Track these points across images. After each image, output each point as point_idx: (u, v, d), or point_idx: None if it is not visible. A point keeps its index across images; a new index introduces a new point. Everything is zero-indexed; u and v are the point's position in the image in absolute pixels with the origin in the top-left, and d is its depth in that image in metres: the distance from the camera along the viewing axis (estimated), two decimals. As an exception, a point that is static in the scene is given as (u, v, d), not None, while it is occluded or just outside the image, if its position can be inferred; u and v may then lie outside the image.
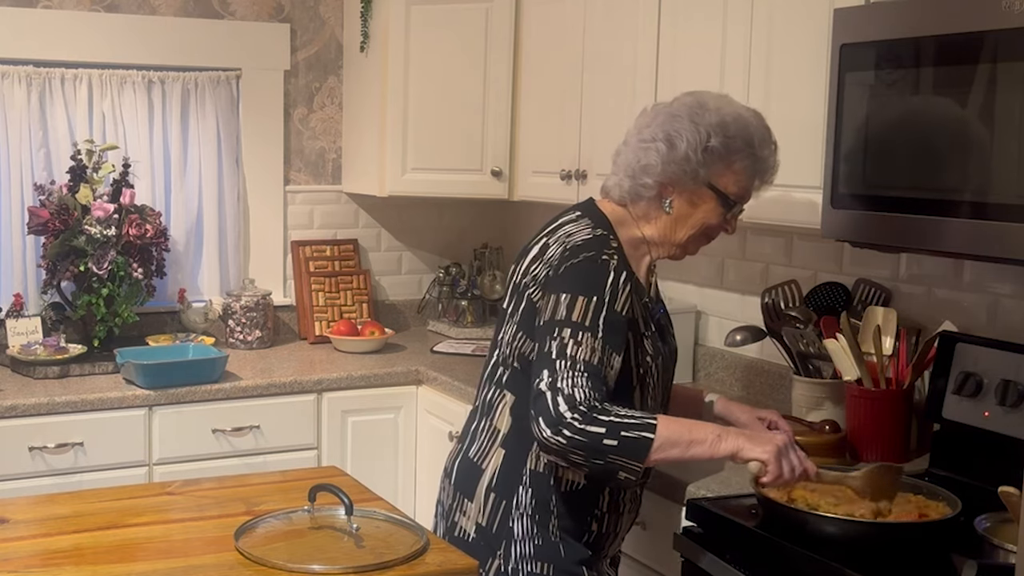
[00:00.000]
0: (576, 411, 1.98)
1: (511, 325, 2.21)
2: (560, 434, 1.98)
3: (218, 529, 1.97)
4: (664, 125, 2.17)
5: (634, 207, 2.23)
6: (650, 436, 1.99)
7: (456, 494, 2.28)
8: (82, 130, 3.72)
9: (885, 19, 2.29)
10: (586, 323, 2.04)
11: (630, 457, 2.00)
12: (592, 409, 1.99)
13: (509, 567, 2.18)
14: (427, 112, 3.80)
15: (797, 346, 2.79)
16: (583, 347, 2.03)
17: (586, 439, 1.97)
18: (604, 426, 1.98)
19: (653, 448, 2.00)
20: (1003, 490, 2.01)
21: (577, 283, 2.08)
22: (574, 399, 1.98)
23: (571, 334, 2.03)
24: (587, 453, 1.99)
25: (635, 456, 2.00)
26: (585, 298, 2.06)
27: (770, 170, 2.23)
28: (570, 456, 2.01)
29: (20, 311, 3.58)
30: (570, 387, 1.99)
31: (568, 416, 1.97)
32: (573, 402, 1.98)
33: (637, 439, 1.99)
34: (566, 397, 1.99)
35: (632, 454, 1.99)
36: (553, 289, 2.10)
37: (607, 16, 3.21)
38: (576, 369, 2.01)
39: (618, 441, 1.98)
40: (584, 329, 2.04)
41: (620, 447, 1.98)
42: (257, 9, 3.98)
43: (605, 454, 1.99)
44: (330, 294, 4.08)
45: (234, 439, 3.39)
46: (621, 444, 1.98)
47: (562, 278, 2.10)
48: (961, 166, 2.17)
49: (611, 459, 2.00)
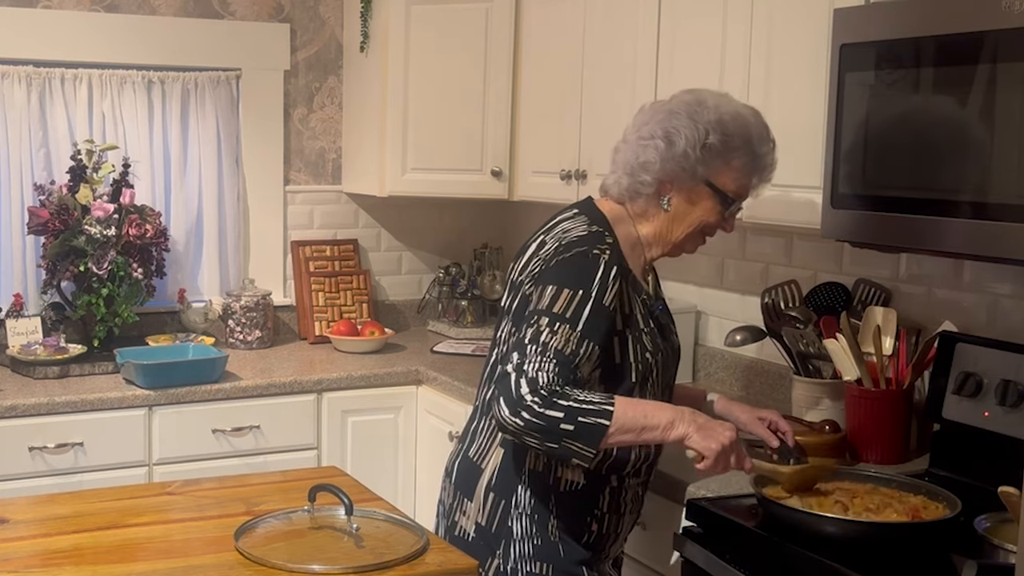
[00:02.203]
0: (536, 394, 1.97)
1: (508, 323, 2.21)
2: (518, 415, 1.97)
3: (218, 529, 1.97)
4: (663, 122, 2.17)
5: (632, 205, 2.23)
6: (606, 423, 1.98)
7: (456, 494, 2.28)
8: (82, 130, 3.72)
9: (885, 19, 2.29)
10: (566, 315, 2.04)
11: (585, 443, 1.99)
12: (552, 393, 1.98)
13: (508, 567, 2.18)
14: (427, 112, 3.80)
15: (797, 346, 2.79)
16: (557, 336, 2.02)
17: (543, 422, 1.96)
18: (562, 410, 1.97)
19: (608, 434, 1.99)
20: (1003, 490, 2.01)
21: (564, 276, 2.08)
22: (536, 382, 1.98)
23: (548, 323, 2.03)
24: (542, 436, 1.98)
25: (590, 442, 1.99)
26: (570, 291, 2.06)
27: (768, 168, 2.23)
28: (524, 438, 2.00)
29: (20, 311, 3.58)
30: (535, 370, 1.99)
31: (528, 399, 1.97)
32: (535, 385, 1.97)
33: (593, 425, 1.98)
34: (529, 380, 1.98)
35: (587, 440, 1.98)
36: (542, 281, 2.10)
37: (607, 16, 3.21)
38: (545, 355, 2.00)
39: (574, 426, 1.97)
40: (563, 321, 2.03)
41: (576, 432, 1.98)
42: (257, 9, 3.98)
43: (560, 438, 1.98)
44: (330, 294, 4.07)
45: (234, 439, 3.39)
46: (577, 429, 1.98)
47: (552, 270, 2.10)
48: (961, 166, 2.17)
49: (566, 443, 1.98)
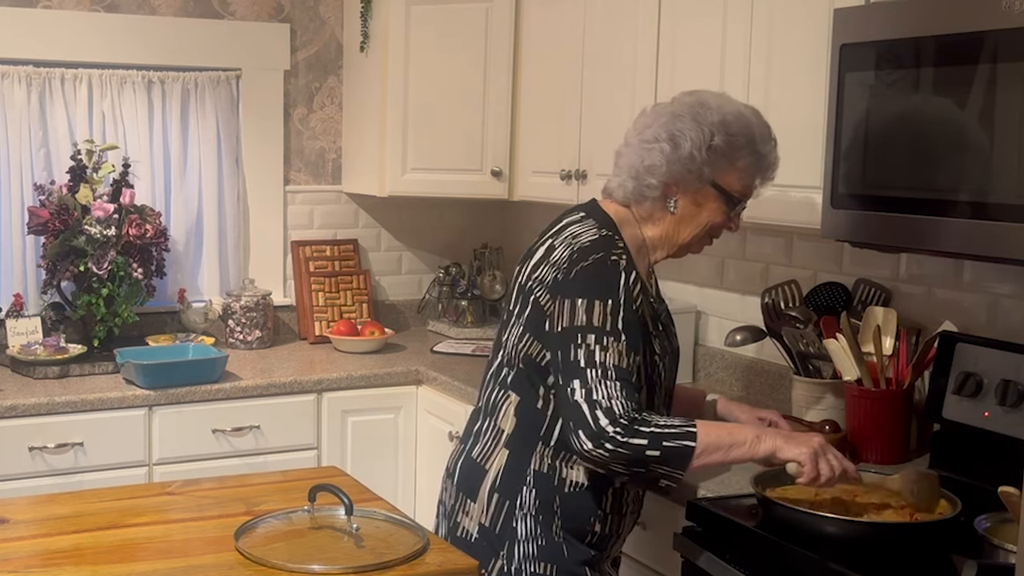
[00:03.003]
0: (617, 424, 1.98)
1: (517, 327, 2.20)
2: (602, 447, 1.98)
3: (218, 529, 1.97)
4: (667, 125, 2.17)
5: (638, 208, 2.23)
6: (691, 444, 2.01)
7: (459, 494, 2.28)
8: (82, 130, 3.72)
9: (885, 19, 2.29)
10: (607, 327, 2.04)
11: (673, 465, 2.01)
12: (633, 421, 1.99)
13: (512, 567, 2.18)
14: (427, 112, 3.80)
15: (797, 346, 2.79)
16: (610, 352, 2.03)
17: (629, 451, 1.99)
18: (646, 437, 1.99)
19: (695, 455, 2.01)
20: (1003, 490, 2.01)
21: (591, 287, 2.08)
22: (614, 412, 1.99)
23: (596, 339, 2.03)
24: (629, 464, 2.00)
25: (678, 464, 2.01)
26: (601, 302, 2.06)
27: (771, 167, 2.24)
28: (611, 467, 2.02)
29: (20, 311, 3.57)
30: (607, 399, 2.00)
31: (610, 431, 1.98)
32: (613, 416, 1.99)
33: (679, 448, 2.01)
34: (605, 410, 1.99)
35: (675, 462, 2.01)
36: (566, 293, 2.09)
37: (607, 16, 3.21)
38: (608, 377, 2.01)
39: (660, 451, 2.00)
40: (607, 334, 2.04)
41: (663, 456, 2.00)
42: (257, 9, 3.98)
43: (647, 464, 2.00)
44: (330, 294, 4.07)
45: (234, 439, 3.39)
46: (664, 453, 2.00)
47: (574, 282, 2.09)
48: (961, 166, 2.16)
49: (653, 468, 2.01)
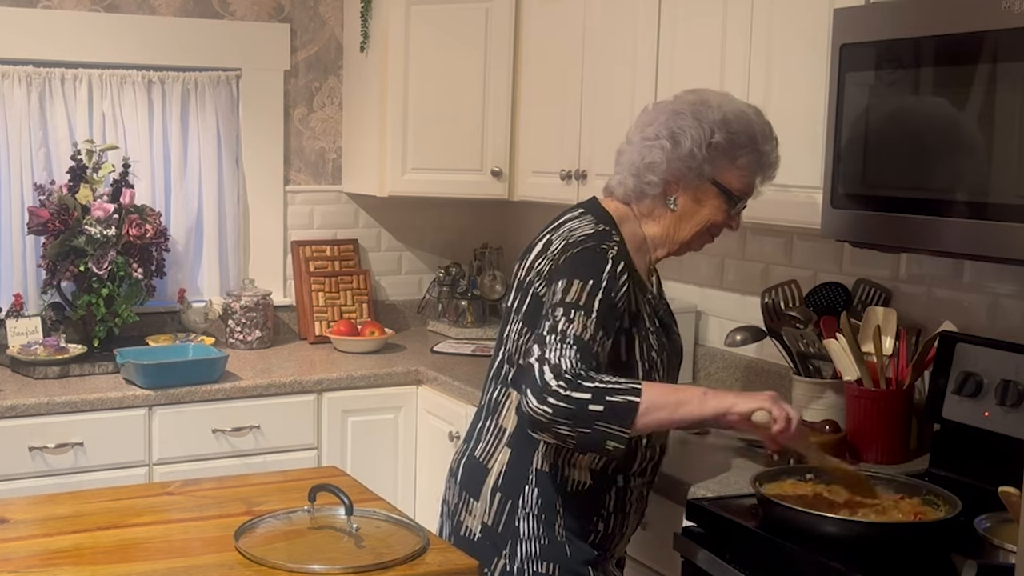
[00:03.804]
0: (561, 379, 1.97)
1: (516, 322, 2.21)
2: (545, 402, 1.96)
3: (218, 529, 1.97)
4: (668, 123, 2.17)
5: (638, 205, 2.24)
6: (635, 400, 1.98)
7: (462, 493, 2.28)
8: (82, 130, 3.72)
9: (885, 19, 2.29)
10: (580, 303, 2.04)
11: (617, 423, 1.97)
12: (577, 376, 1.97)
13: (515, 567, 2.18)
14: (427, 112, 3.80)
15: (797, 346, 2.79)
16: (574, 323, 2.02)
17: (571, 405, 1.96)
18: (589, 392, 1.96)
19: (640, 411, 1.98)
20: (1003, 490, 2.01)
21: (574, 269, 2.09)
22: (560, 367, 1.97)
23: (563, 312, 2.03)
24: (573, 421, 1.96)
25: (621, 421, 1.97)
26: (581, 281, 2.06)
27: (772, 165, 2.24)
28: (556, 427, 1.98)
29: (20, 311, 3.58)
30: (556, 357, 1.98)
31: (553, 384, 1.96)
32: (559, 371, 1.97)
33: (623, 403, 1.97)
34: (552, 367, 1.98)
35: (618, 419, 1.97)
36: (553, 278, 2.11)
37: (607, 16, 3.21)
38: (565, 342, 2.00)
39: (603, 406, 1.96)
40: (577, 308, 2.03)
41: (606, 412, 1.96)
42: (257, 9, 3.98)
43: (591, 420, 1.96)
44: (330, 294, 4.07)
45: (234, 439, 3.39)
46: (607, 409, 1.96)
47: (561, 267, 2.11)
48: (961, 166, 2.16)
49: (597, 425, 1.97)
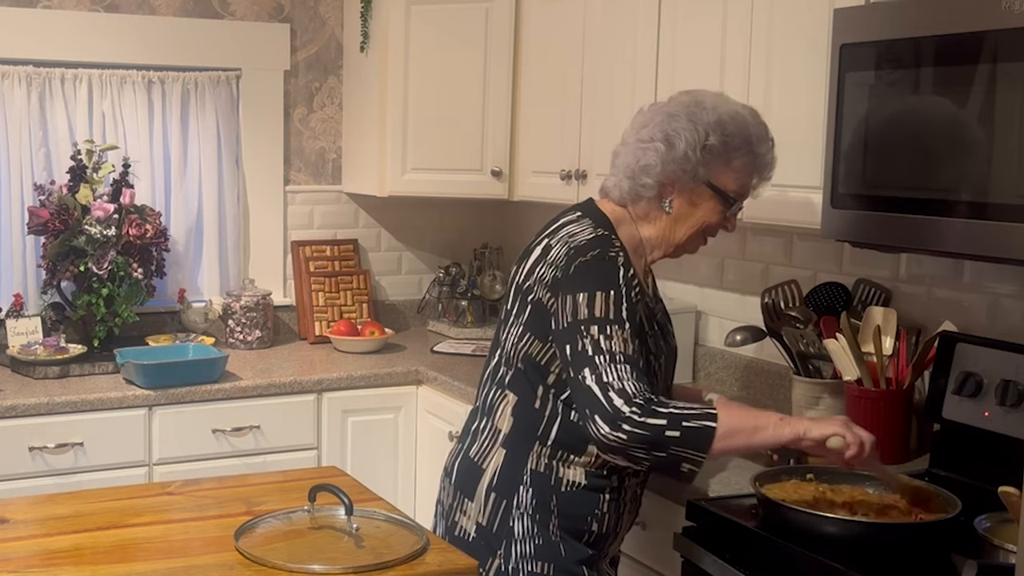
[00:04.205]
0: (633, 404, 1.97)
1: (516, 327, 2.20)
2: (620, 430, 1.97)
3: (218, 529, 1.97)
4: (662, 125, 2.17)
5: (634, 207, 2.24)
6: (712, 424, 1.99)
7: (456, 493, 2.28)
8: (82, 130, 3.72)
9: (885, 19, 2.29)
10: (611, 316, 2.04)
11: (693, 448, 1.99)
12: (648, 402, 1.98)
13: (509, 567, 2.18)
14: (427, 112, 3.80)
15: (797, 346, 2.79)
16: (615, 339, 2.02)
17: (647, 432, 1.96)
18: (664, 418, 1.97)
19: (717, 436, 1.99)
20: (1003, 490, 2.01)
21: (591, 280, 2.08)
22: (627, 393, 1.97)
23: (599, 329, 2.03)
24: (648, 446, 1.98)
25: (698, 446, 1.99)
26: (603, 293, 2.06)
27: (768, 167, 2.23)
28: (631, 451, 1.99)
29: (20, 311, 3.58)
30: (618, 380, 1.98)
31: (626, 411, 1.96)
32: (627, 396, 1.97)
33: (700, 428, 1.98)
34: (618, 391, 1.98)
35: (695, 444, 1.99)
36: (567, 290, 2.09)
37: (607, 16, 3.21)
38: (616, 361, 2.00)
39: (680, 432, 1.97)
40: (610, 323, 2.03)
41: (682, 438, 1.97)
42: (257, 9, 3.98)
43: (667, 446, 1.98)
44: (330, 294, 4.07)
45: (234, 439, 3.39)
46: (684, 435, 1.97)
47: (573, 278, 2.09)
48: (961, 166, 2.17)
49: (673, 451, 1.98)
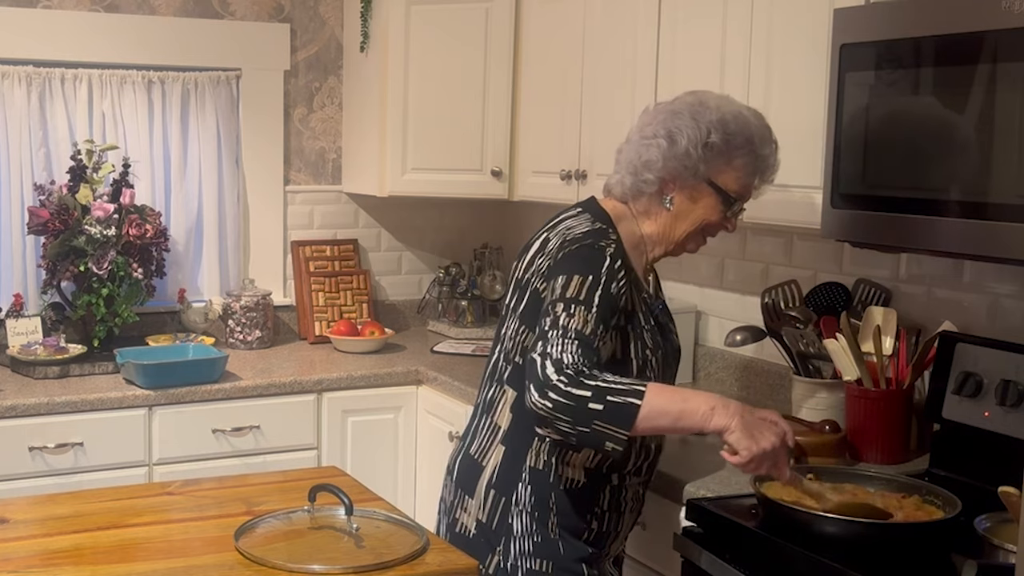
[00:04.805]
0: (563, 374, 1.96)
1: (514, 320, 2.21)
2: (546, 397, 1.95)
3: (218, 529, 1.97)
4: (665, 122, 2.18)
5: (635, 204, 2.24)
6: (637, 402, 1.95)
7: (457, 491, 2.29)
8: (82, 130, 3.72)
9: (885, 19, 2.29)
10: (580, 298, 2.04)
11: (616, 424, 1.95)
12: (579, 373, 1.96)
13: (508, 563, 2.18)
14: (427, 112, 3.80)
15: (797, 346, 2.79)
16: (575, 318, 2.02)
17: (572, 402, 1.94)
18: (590, 389, 1.95)
19: (640, 415, 1.95)
20: (1003, 490, 2.01)
21: (572, 265, 2.09)
22: (561, 363, 1.97)
23: (564, 308, 2.03)
24: (573, 418, 1.95)
25: (621, 423, 1.95)
26: (580, 276, 2.06)
27: (770, 168, 2.24)
28: (557, 423, 1.97)
29: (20, 311, 3.57)
30: (559, 352, 1.98)
31: (554, 378, 1.95)
32: (560, 366, 1.96)
33: (624, 405, 1.95)
34: (554, 361, 1.97)
35: (618, 421, 1.95)
36: (552, 275, 2.11)
37: (607, 16, 3.21)
38: (567, 337, 1.99)
39: (604, 405, 1.94)
40: (577, 303, 2.03)
41: (606, 412, 1.94)
42: (257, 9, 3.98)
43: (591, 419, 1.94)
44: (330, 294, 4.07)
45: (234, 439, 3.39)
46: (607, 409, 1.94)
47: (559, 263, 2.11)
48: (961, 166, 2.16)
49: (596, 425, 1.95)
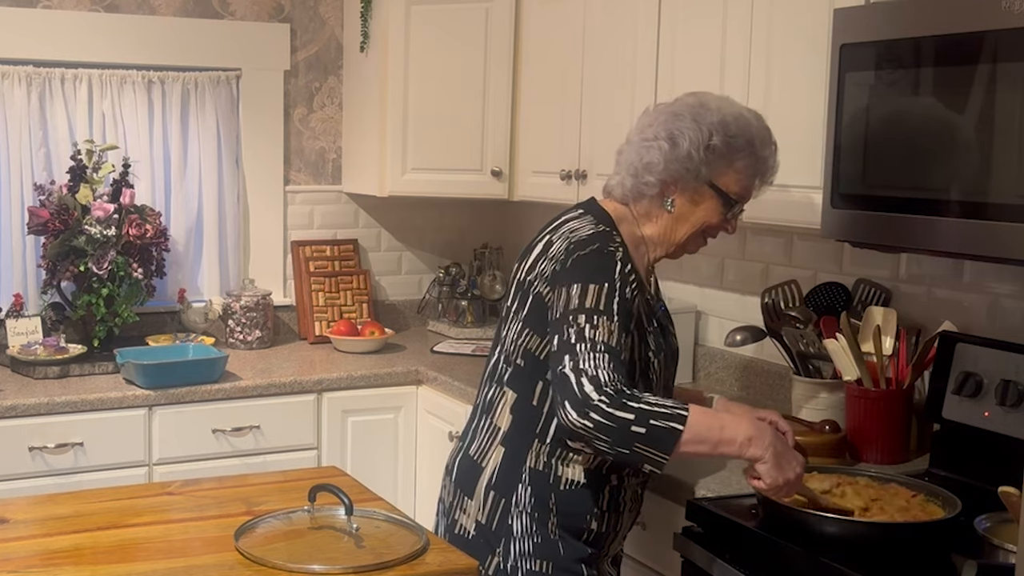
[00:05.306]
0: (603, 393, 1.95)
1: (516, 323, 2.21)
2: (587, 417, 1.95)
3: (218, 529, 1.97)
4: (666, 124, 2.18)
5: (636, 206, 2.24)
6: (679, 428, 1.96)
7: (456, 492, 2.28)
8: (82, 130, 3.72)
9: (885, 19, 2.29)
10: (600, 307, 2.03)
11: (658, 448, 1.96)
12: (620, 393, 1.96)
13: (508, 564, 2.18)
14: (427, 112, 3.80)
15: (797, 346, 2.79)
16: (600, 329, 2.01)
17: (614, 424, 1.94)
18: (633, 412, 1.95)
19: (681, 441, 1.96)
20: (1003, 490, 2.01)
21: (586, 272, 2.08)
22: (599, 380, 1.96)
23: (587, 319, 2.02)
24: (613, 439, 1.95)
25: (663, 447, 1.96)
26: (596, 285, 2.05)
27: (770, 170, 2.24)
28: (595, 442, 1.97)
29: (20, 311, 3.57)
30: (593, 368, 1.97)
31: (595, 398, 1.95)
32: (598, 383, 1.95)
33: (666, 429, 1.96)
34: (591, 379, 1.96)
35: (660, 445, 1.96)
36: (563, 282, 2.09)
37: (607, 16, 3.21)
38: (597, 350, 1.99)
39: (646, 429, 1.95)
40: (599, 313, 2.03)
41: (648, 436, 1.95)
42: (257, 9, 3.98)
43: (632, 442, 1.95)
44: (330, 294, 4.07)
45: (234, 439, 3.39)
46: (649, 433, 1.95)
47: (570, 270, 2.10)
48: (961, 166, 2.16)
49: (637, 447, 1.96)
